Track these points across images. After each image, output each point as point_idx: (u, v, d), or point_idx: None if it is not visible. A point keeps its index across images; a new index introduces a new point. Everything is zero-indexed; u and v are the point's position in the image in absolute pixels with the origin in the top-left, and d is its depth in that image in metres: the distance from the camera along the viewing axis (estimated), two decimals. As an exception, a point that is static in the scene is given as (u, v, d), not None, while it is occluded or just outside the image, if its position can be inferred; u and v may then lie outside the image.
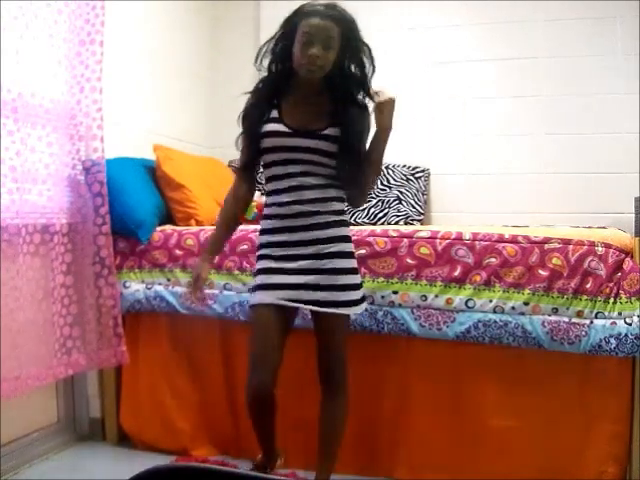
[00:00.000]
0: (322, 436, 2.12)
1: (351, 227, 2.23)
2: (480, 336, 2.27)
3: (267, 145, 2.03)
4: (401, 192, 3.38)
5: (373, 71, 2.04)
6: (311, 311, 2.08)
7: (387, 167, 3.45)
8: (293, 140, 1.99)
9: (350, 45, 1.97)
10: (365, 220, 3.32)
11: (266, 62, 2.03)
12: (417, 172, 3.47)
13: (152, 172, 2.93)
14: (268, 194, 2.09)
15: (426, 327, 2.31)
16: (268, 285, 2.03)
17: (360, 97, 2.05)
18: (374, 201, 3.37)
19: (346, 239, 2.08)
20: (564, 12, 3.35)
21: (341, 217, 2.07)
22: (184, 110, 3.61)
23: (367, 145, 2.06)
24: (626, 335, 2.12)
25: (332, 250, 2.02)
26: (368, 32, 2.04)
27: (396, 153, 3.54)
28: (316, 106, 2.02)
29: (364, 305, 2.12)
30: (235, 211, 2.18)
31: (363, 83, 2.03)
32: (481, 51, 3.50)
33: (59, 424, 2.77)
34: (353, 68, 2.02)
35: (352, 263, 2.08)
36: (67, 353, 2.43)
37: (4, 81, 2.15)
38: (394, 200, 3.36)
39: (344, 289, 2.03)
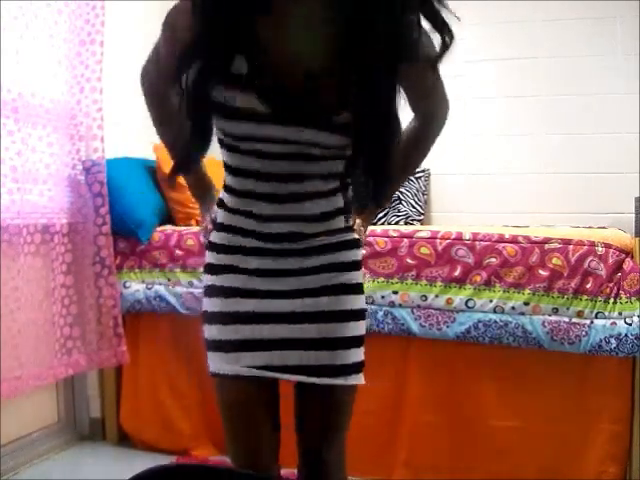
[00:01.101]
0: None
1: None
2: (480, 336, 2.27)
3: (231, 131, 1.15)
4: (401, 192, 3.37)
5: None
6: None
7: (387, 167, 3.45)
8: (274, 129, 1.12)
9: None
10: (365, 220, 3.32)
11: None
12: (417, 172, 3.46)
13: (152, 172, 2.93)
14: (228, 189, 1.31)
15: (426, 327, 2.31)
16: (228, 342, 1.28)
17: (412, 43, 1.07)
18: (374, 201, 3.37)
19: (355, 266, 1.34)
20: (564, 12, 3.35)
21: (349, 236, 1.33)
22: (184, 110, 3.61)
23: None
24: (626, 335, 2.11)
25: (331, 283, 1.28)
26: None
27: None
28: (323, 40, 1.08)
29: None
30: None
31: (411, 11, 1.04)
32: (481, 51, 3.50)
33: (59, 424, 2.77)
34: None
35: (359, 302, 1.34)
36: (67, 353, 2.43)
37: (4, 81, 2.15)
38: (394, 200, 3.36)
39: (344, 345, 1.30)
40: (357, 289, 1.30)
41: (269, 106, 1.08)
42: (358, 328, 1.30)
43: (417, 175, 3.45)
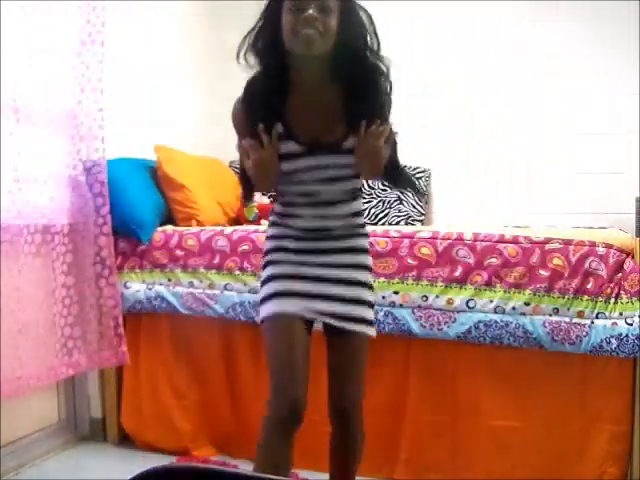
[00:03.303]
0: (335, 463, 1.83)
1: None
2: (481, 336, 2.27)
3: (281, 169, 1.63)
4: (402, 192, 3.38)
5: (378, 43, 1.63)
6: (325, 329, 1.74)
7: (388, 167, 3.45)
8: (307, 161, 1.63)
9: (350, 13, 1.57)
10: (366, 220, 3.32)
11: (251, 59, 1.63)
12: (418, 172, 3.47)
13: (153, 172, 2.93)
14: (279, 201, 1.76)
15: (427, 327, 2.31)
16: (285, 293, 1.71)
17: (373, 85, 1.63)
18: (375, 201, 3.37)
19: (366, 251, 1.81)
20: (564, 12, 3.35)
21: (362, 230, 1.81)
22: (185, 110, 3.61)
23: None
24: (627, 335, 2.11)
25: (350, 262, 1.74)
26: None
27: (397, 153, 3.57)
28: (326, 106, 1.63)
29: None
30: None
31: (370, 63, 1.62)
32: (481, 51, 3.50)
33: (60, 424, 2.78)
34: (358, 41, 1.59)
35: (368, 278, 1.78)
36: (68, 353, 2.43)
37: (5, 81, 2.15)
38: (395, 200, 3.36)
39: (362, 304, 1.72)
40: (369, 268, 1.79)
41: (300, 145, 1.64)
42: (371, 296, 1.76)
43: (418, 175, 3.45)
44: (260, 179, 1.63)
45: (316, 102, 1.62)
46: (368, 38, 1.61)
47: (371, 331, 1.73)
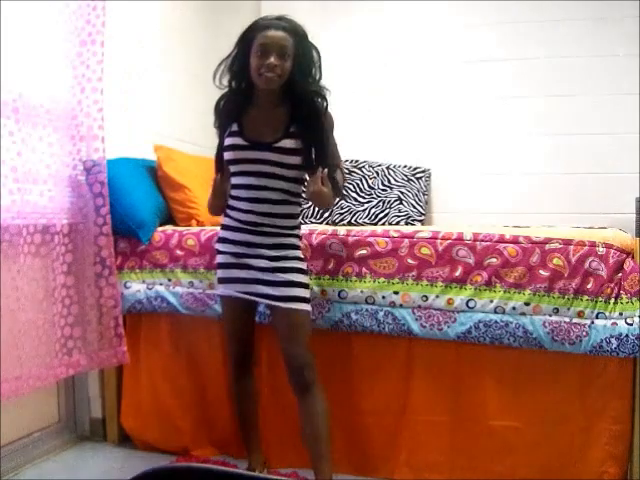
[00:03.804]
0: (306, 439, 2.15)
1: (352, 227, 2.19)
2: (481, 336, 2.27)
3: (228, 157, 2.15)
4: (402, 192, 3.38)
5: (320, 76, 2.14)
6: (268, 307, 2.23)
7: (388, 167, 3.45)
8: (250, 153, 2.11)
9: (303, 54, 2.07)
10: (366, 220, 3.32)
11: (225, 80, 2.15)
12: (418, 172, 3.47)
13: (153, 172, 2.93)
14: (231, 196, 2.19)
15: (427, 327, 2.31)
16: (228, 279, 2.20)
17: (316, 102, 2.12)
18: (375, 201, 3.37)
19: (293, 247, 2.18)
20: (564, 12, 3.35)
21: (292, 232, 2.19)
22: (185, 110, 3.61)
23: (332, 144, 2.19)
24: (627, 335, 2.12)
25: (277, 254, 2.13)
26: (369, 32, 2.04)
27: (397, 153, 3.58)
28: (274, 118, 2.12)
29: (308, 306, 2.17)
30: (220, 204, 2.25)
31: (312, 91, 2.11)
32: (481, 52, 3.50)
33: (60, 424, 2.78)
34: (305, 76, 2.10)
35: (297, 264, 2.17)
36: (68, 353, 2.43)
37: (5, 81, 2.15)
38: (395, 200, 3.36)
39: (287, 285, 2.12)
40: (295, 259, 2.17)
41: (246, 141, 2.14)
42: (297, 277, 2.16)
43: (418, 175, 3.45)
44: (211, 201, 2.24)
45: (266, 114, 2.14)
46: (313, 71, 2.11)
47: (297, 305, 2.13)
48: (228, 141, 2.15)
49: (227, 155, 2.15)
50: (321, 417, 2.13)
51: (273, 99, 2.12)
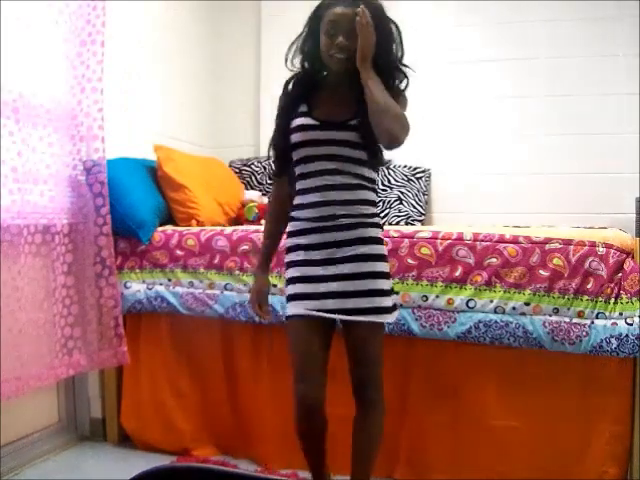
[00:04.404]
0: (356, 453, 1.96)
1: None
2: (481, 336, 2.27)
3: (296, 140, 1.93)
4: (402, 192, 3.38)
5: (402, 53, 1.96)
6: (341, 321, 1.92)
7: (388, 167, 3.45)
8: (320, 133, 1.90)
9: (377, 30, 1.84)
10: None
11: (297, 61, 1.98)
12: (418, 172, 3.47)
13: (153, 172, 2.94)
14: (297, 193, 1.95)
15: (427, 327, 2.31)
16: (298, 295, 1.92)
17: (394, 82, 1.94)
18: (375, 201, 3.37)
19: (376, 240, 1.92)
20: (564, 12, 3.35)
21: (371, 220, 1.92)
22: (185, 110, 3.61)
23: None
24: (627, 335, 2.11)
25: (357, 253, 1.87)
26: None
27: (397, 153, 3.57)
28: (346, 98, 1.92)
29: (395, 314, 1.93)
30: (280, 215, 2.05)
31: (393, 67, 1.93)
32: (482, 52, 3.50)
33: (60, 424, 2.78)
34: (382, 53, 1.88)
35: (381, 267, 1.91)
36: (68, 353, 2.43)
37: (5, 81, 2.15)
38: (395, 200, 3.36)
39: (371, 294, 1.87)
40: (378, 257, 1.90)
41: (317, 121, 1.93)
42: (382, 284, 1.89)
43: (418, 175, 3.45)
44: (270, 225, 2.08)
45: (337, 94, 1.96)
46: (394, 48, 1.94)
47: (378, 318, 1.88)
48: (296, 122, 1.93)
49: (294, 137, 1.93)
50: (376, 440, 1.96)
51: (345, 78, 1.92)
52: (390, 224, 3.26)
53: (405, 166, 3.48)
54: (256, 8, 3.83)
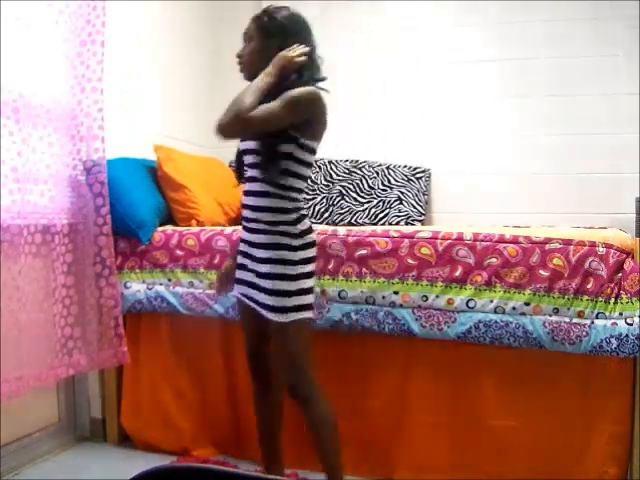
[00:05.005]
0: (316, 451, 2.07)
1: (352, 227, 2.17)
2: (481, 336, 2.27)
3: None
4: (402, 192, 3.38)
5: (313, 49, 2.03)
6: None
7: (388, 167, 3.45)
8: (242, 143, 2.11)
9: (273, 34, 2.04)
10: (366, 220, 3.32)
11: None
12: (418, 172, 3.47)
13: (153, 172, 2.94)
14: None
15: (427, 327, 2.31)
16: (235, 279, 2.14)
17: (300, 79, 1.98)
18: (375, 201, 3.37)
19: (280, 247, 1.96)
20: (564, 12, 3.35)
21: (275, 228, 1.97)
22: (185, 110, 3.61)
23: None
24: (627, 335, 2.12)
25: (263, 256, 1.98)
26: (370, 32, 2.03)
27: (397, 153, 3.58)
28: None
29: (296, 315, 1.96)
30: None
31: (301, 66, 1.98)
32: (482, 52, 3.50)
33: (60, 424, 2.78)
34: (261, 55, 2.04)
35: (283, 269, 1.95)
36: (68, 353, 2.43)
37: (5, 81, 2.15)
38: (395, 200, 3.36)
39: (272, 294, 1.96)
40: (283, 262, 1.96)
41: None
42: (281, 285, 1.96)
43: (418, 175, 3.45)
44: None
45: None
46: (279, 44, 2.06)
47: (276, 316, 1.96)
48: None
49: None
50: (322, 429, 2.04)
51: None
52: (390, 224, 3.26)
53: (405, 166, 3.48)
54: (256, 8, 3.82)
